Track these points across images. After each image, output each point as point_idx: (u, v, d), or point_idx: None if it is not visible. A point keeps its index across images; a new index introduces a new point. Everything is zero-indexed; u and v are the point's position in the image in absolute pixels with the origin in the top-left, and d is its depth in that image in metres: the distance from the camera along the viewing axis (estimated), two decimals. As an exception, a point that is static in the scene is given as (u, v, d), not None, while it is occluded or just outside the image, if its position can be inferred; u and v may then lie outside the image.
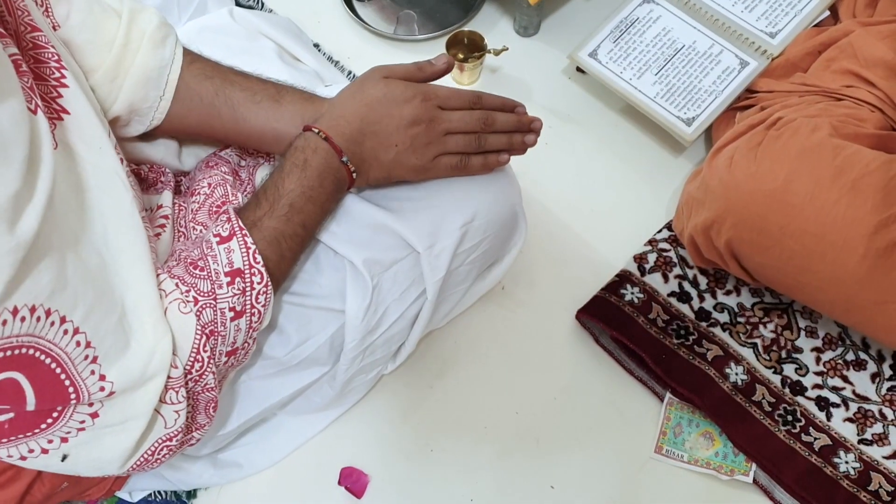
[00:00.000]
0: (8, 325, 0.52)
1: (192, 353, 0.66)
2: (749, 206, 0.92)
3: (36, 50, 0.66)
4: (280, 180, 0.75)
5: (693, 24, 1.21)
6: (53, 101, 0.65)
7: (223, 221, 0.72)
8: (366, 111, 0.78)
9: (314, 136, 0.77)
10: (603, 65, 1.20)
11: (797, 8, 1.20)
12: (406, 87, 0.79)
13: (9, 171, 0.52)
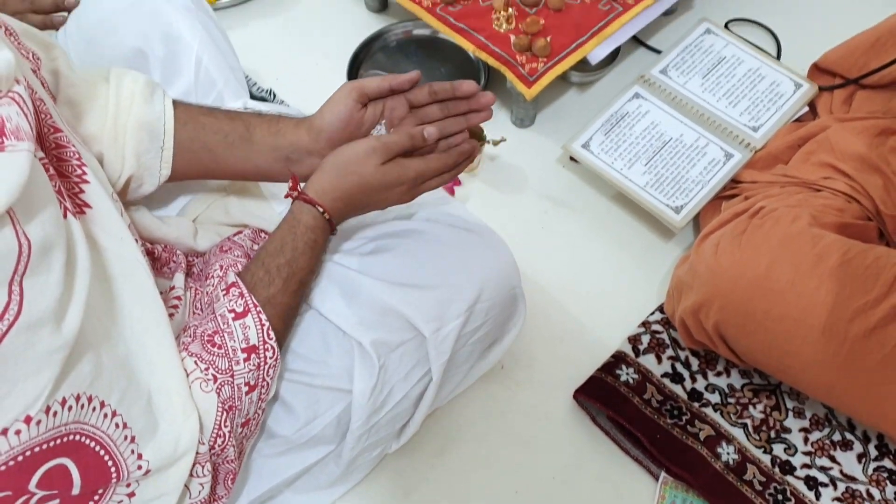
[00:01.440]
0: (58, 416, 0.56)
1: (215, 430, 0.70)
2: (734, 291, 0.98)
3: (58, 150, 0.71)
4: (294, 259, 0.80)
5: (680, 119, 1.29)
6: (76, 196, 0.69)
7: (236, 297, 0.76)
8: (360, 194, 0.83)
9: (322, 219, 0.82)
10: (595, 155, 1.27)
11: (777, 104, 1.28)
12: (400, 174, 0.83)
13: (52, 276, 0.57)
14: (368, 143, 0.83)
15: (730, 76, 1.33)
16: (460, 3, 1.36)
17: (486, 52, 1.32)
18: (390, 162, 0.83)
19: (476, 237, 0.97)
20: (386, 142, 0.83)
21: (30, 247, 0.56)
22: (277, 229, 0.83)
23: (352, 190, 0.83)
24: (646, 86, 1.33)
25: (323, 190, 0.83)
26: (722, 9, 1.52)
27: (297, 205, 0.83)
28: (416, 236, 0.96)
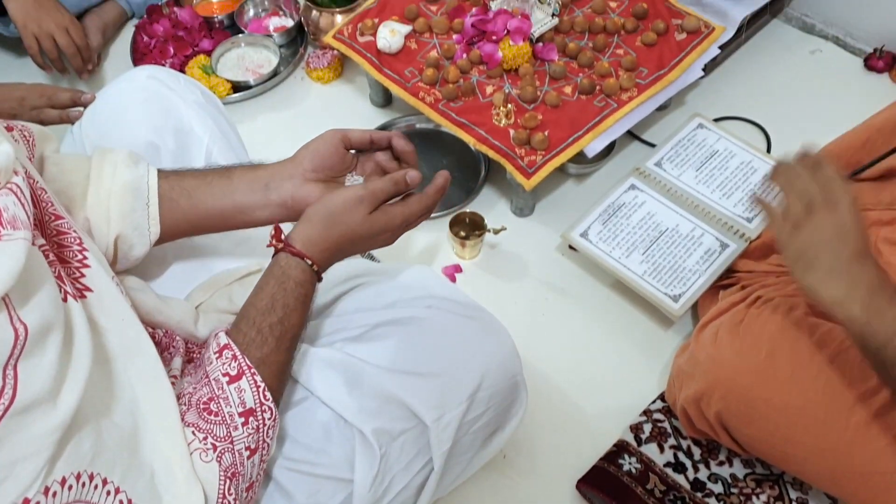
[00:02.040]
0: (58, 496, 0.56)
1: (219, 499, 0.70)
2: (735, 380, 0.98)
3: (59, 236, 0.73)
4: (286, 316, 0.80)
5: (675, 209, 1.32)
6: (77, 280, 0.71)
7: (229, 359, 0.76)
8: (348, 244, 0.85)
9: (311, 271, 0.83)
10: (594, 244, 1.30)
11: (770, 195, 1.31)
12: (387, 222, 0.85)
13: (46, 358, 0.58)
14: (355, 192, 0.84)
15: (723, 169, 1.37)
16: (461, 100, 1.42)
17: (487, 145, 1.37)
18: (377, 210, 0.84)
19: (477, 324, 0.99)
20: (373, 189, 0.84)
21: (26, 332, 0.57)
22: (265, 283, 0.82)
23: (340, 240, 0.84)
24: (641, 178, 1.37)
25: (311, 241, 0.83)
26: (712, 105, 1.58)
27: (284, 257, 0.83)
28: (418, 323, 0.97)
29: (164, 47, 1.65)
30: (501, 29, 1.44)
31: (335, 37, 1.53)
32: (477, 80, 1.43)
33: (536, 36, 1.45)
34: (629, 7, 1.50)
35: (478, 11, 1.50)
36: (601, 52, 1.45)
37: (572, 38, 1.48)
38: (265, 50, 1.69)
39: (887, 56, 1.60)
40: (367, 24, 1.51)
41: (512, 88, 1.42)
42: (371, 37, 1.50)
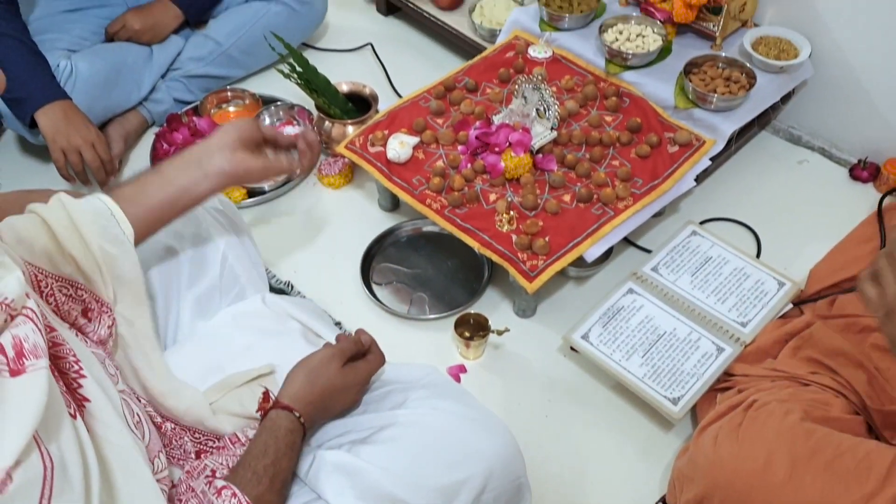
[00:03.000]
0: None
1: None
2: (734, 484, 1.01)
3: (55, 348, 0.76)
4: (278, 460, 0.90)
5: (673, 313, 1.37)
6: (75, 392, 0.74)
7: (229, 496, 0.81)
8: (328, 397, 0.98)
9: (298, 422, 0.94)
10: (594, 347, 1.34)
11: (763, 301, 1.37)
12: (356, 375, 1.01)
13: (75, 494, 0.62)
14: (328, 350, 1.01)
15: (717, 274, 1.43)
16: (466, 207, 1.49)
17: (491, 249, 1.43)
18: (346, 366, 1.01)
19: (481, 426, 1.02)
20: (342, 348, 1.02)
21: (52, 466, 0.60)
22: (258, 435, 0.93)
23: (322, 393, 0.98)
24: (639, 282, 1.43)
25: (296, 397, 0.96)
26: (705, 211, 1.65)
27: (274, 412, 0.94)
28: (423, 425, 1.00)
29: (183, 154, 1.73)
30: (504, 141, 1.53)
31: (347, 147, 1.62)
32: (481, 189, 1.51)
33: (536, 148, 1.54)
34: (624, 121, 1.60)
35: (481, 125, 1.59)
36: (598, 163, 1.54)
37: (570, 149, 1.56)
38: (279, 157, 1.78)
39: (871, 167, 1.68)
40: (378, 136, 1.60)
41: (514, 196, 1.49)
42: (381, 147, 1.59)
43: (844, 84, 1.67)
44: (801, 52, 1.63)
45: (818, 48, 1.66)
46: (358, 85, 1.81)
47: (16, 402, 0.60)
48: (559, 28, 1.75)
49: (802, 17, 1.66)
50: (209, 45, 1.88)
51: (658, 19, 1.68)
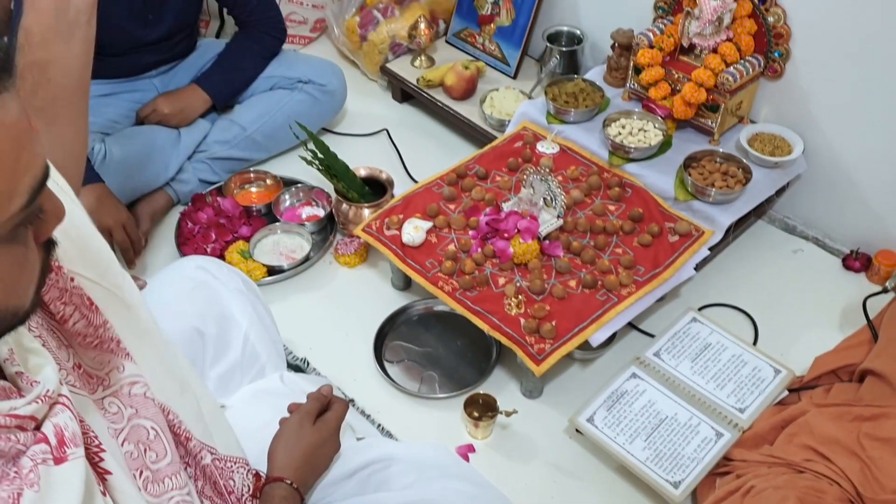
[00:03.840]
0: None
1: None
2: (732, 569, 1.06)
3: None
4: None
5: (674, 398, 1.43)
6: (97, 465, 0.77)
7: None
8: (311, 456, 1.05)
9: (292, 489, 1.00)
10: (599, 430, 1.40)
11: (760, 388, 1.43)
12: (328, 427, 1.08)
13: None
14: (296, 416, 1.08)
15: (716, 361, 1.49)
16: (476, 290, 1.56)
17: (499, 332, 1.50)
18: (317, 422, 1.08)
19: (490, 506, 1.08)
20: (307, 409, 1.09)
21: None
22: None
23: (304, 455, 1.04)
24: (642, 367, 1.49)
25: (282, 466, 1.03)
26: (704, 296, 1.72)
27: (268, 487, 1.00)
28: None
29: (206, 233, 1.82)
30: (512, 228, 1.61)
31: (364, 230, 1.70)
32: (490, 273, 1.59)
33: (544, 234, 1.62)
34: (626, 210, 1.69)
35: (491, 211, 1.68)
36: (602, 250, 1.62)
37: (576, 237, 1.65)
38: (298, 237, 1.86)
39: (863, 257, 1.76)
40: (393, 220, 1.69)
41: (522, 281, 1.57)
42: (396, 231, 1.67)
43: (836, 178, 1.76)
44: (795, 149, 1.73)
45: (811, 144, 1.75)
46: (375, 170, 1.91)
47: (62, 490, 0.65)
48: (565, 121, 1.86)
49: (796, 115, 1.77)
50: (234, 130, 1.99)
51: (659, 115, 1.79)
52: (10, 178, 0.56)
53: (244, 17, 2.00)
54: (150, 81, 1.98)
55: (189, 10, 1.96)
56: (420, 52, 2.21)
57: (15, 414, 0.63)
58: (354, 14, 2.28)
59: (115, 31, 1.86)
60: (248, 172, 2.00)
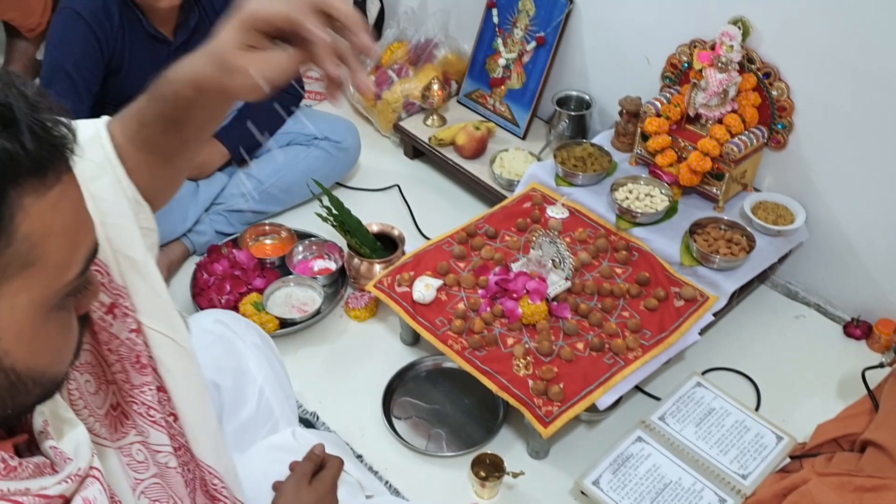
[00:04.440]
0: None
1: None
2: None
3: None
4: None
5: (678, 463, 1.46)
6: None
7: None
8: None
9: None
10: (605, 493, 1.42)
11: (763, 454, 1.46)
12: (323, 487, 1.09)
13: None
14: (293, 477, 1.10)
15: (719, 426, 1.52)
16: (485, 349, 1.60)
17: (508, 393, 1.53)
18: (313, 481, 1.10)
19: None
20: (303, 470, 1.11)
21: None
22: None
23: None
24: (647, 431, 1.52)
25: None
26: (709, 359, 1.76)
27: None
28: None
29: (221, 284, 1.86)
30: (521, 288, 1.65)
31: (376, 286, 1.74)
32: (499, 332, 1.62)
33: (552, 296, 1.66)
34: (633, 274, 1.73)
35: (500, 271, 1.72)
36: (609, 313, 1.66)
37: (584, 299, 1.69)
38: (310, 290, 1.90)
39: (864, 325, 1.80)
40: (405, 277, 1.73)
41: (530, 341, 1.60)
42: (407, 288, 1.71)
43: (838, 246, 1.81)
44: (797, 218, 1.77)
45: (813, 213, 1.81)
46: (387, 226, 1.96)
47: None
48: (573, 184, 1.91)
49: (798, 185, 1.82)
50: (252, 183, 2.04)
51: (665, 181, 1.84)
52: (71, 249, 0.62)
53: (264, 75, 2.07)
54: (171, 135, 2.04)
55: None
56: (433, 111, 2.27)
57: (44, 494, 0.64)
58: (370, 73, 2.36)
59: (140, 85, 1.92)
60: (263, 225, 2.04)
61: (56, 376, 0.67)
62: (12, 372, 0.61)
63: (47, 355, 0.64)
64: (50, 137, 0.58)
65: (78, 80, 1.79)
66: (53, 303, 0.62)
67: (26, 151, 0.56)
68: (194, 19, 1.90)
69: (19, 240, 0.57)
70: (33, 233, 0.58)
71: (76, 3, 1.79)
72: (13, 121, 0.56)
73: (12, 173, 0.56)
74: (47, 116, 0.58)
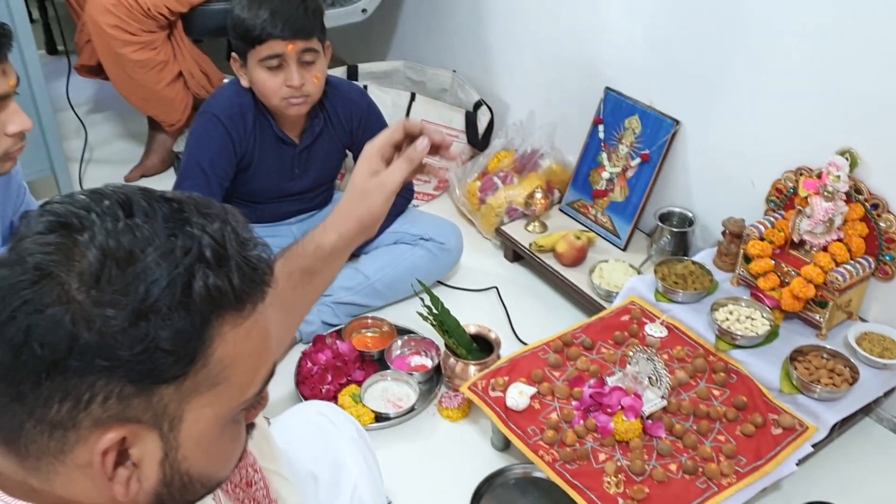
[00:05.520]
0: None
1: None
2: None
3: None
4: None
5: None
6: None
7: None
8: None
9: None
10: None
11: None
12: None
13: None
14: None
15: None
16: (576, 463, 1.60)
17: (597, 509, 1.53)
18: None
19: None
20: None
21: None
22: None
23: None
24: (739, 563, 1.48)
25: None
26: (806, 492, 1.69)
27: None
28: None
29: (323, 374, 1.94)
30: (616, 404, 1.66)
31: (470, 388, 1.79)
32: (591, 447, 1.63)
33: (647, 414, 1.66)
34: (731, 397, 1.71)
35: (595, 384, 1.74)
36: (704, 435, 1.64)
37: (679, 419, 1.68)
38: (406, 386, 1.96)
39: (976, 470, 1.71)
40: (499, 382, 1.77)
41: (623, 459, 1.60)
42: (501, 393, 1.75)
43: (949, 384, 1.74)
44: (905, 352, 1.73)
45: (922, 348, 1.75)
46: (484, 328, 2.01)
47: None
48: (673, 300, 1.93)
49: (906, 317, 1.78)
50: (358, 278, 2.15)
51: (767, 305, 1.84)
52: (255, 372, 0.69)
53: (378, 177, 2.20)
54: (289, 228, 2.18)
55: (332, 167, 2.18)
56: (535, 218, 2.35)
57: None
58: (476, 178, 2.47)
59: (265, 181, 2.08)
60: (366, 318, 2.13)
61: (221, 480, 0.74)
62: (186, 475, 0.68)
63: (218, 462, 0.72)
64: (253, 274, 0.66)
65: (212, 176, 1.96)
66: (232, 417, 0.69)
67: (233, 288, 0.63)
68: (319, 125, 2.05)
69: (213, 363, 0.64)
70: (225, 357, 0.65)
71: (216, 107, 1.97)
72: (226, 259, 0.63)
73: (218, 307, 0.63)
74: (253, 254, 0.66)
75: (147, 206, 0.64)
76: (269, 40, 1.84)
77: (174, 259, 0.61)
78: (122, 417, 0.63)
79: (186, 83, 2.52)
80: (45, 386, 0.60)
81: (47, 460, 0.65)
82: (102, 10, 2.29)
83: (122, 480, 0.65)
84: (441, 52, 2.90)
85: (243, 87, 1.96)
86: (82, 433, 0.63)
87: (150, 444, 0.65)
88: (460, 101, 2.71)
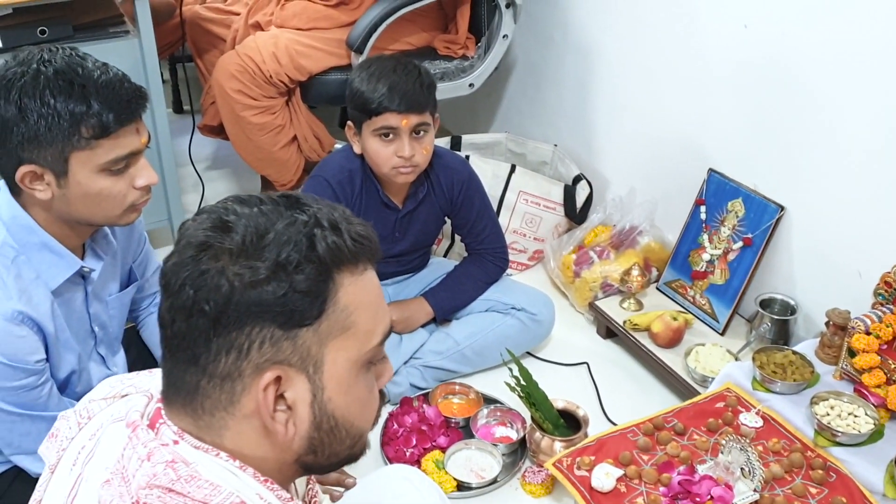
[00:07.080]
0: None
1: None
2: None
3: None
4: None
5: None
6: None
7: None
8: None
9: None
10: None
11: None
12: None
13: None
14: None
15: None
16: (661, 552, 1.55)
17: None
18: None
19: None
20: None
21: None
22: None
23: None
24: None
25: None
26: None
27: None
28: None
29: (408, 437, 1.96)
30: (705, 493, 1.61)
31: (555, 464, 1.76)
32: (678, 537, 1.58)
33: (738, 507, 1.60)
34: (828, 497, 1.62)
35: (685, 471, 1.68)
36: (800, 536, 1.56)
37: (772, 516, 1.60)
38: (490, 456, 1.95)
39: None
40: (585, 461, 1.74)
41: (710, 553, 1.54)
42: (587, 472, 1.72)
43: None
44: None
45: None
46: (572, 404, 1.99)
47: None
48: (771, 390, 1.86)
49: None
50: (448, 342, 2.17)
51: (871, 402, 1.75)
52: (375, 321, 0.83)
53: (475, 246, 2.24)
54: (385, 289, 2.24)
55: (430, 232, 2.23)
56: (630, 295, 2.33)
57: None
58: (571, 251, 2.47)
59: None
60: (453, 384, 2.15)
61: (360, 432, 0.86)
62: (332, 418, 0.81)
63: (357, 408, 0.83)
64: (361, 239, 0.82)
65: None
66: (362, 363, 0.82)
67: (347, 247, 0.80)
68: (422, 192, 2.12)
69: (340, 308, 0.79)
70: (349, 304, 0.80)
71: (327, 172, 2.07)
72: (338, 226, 0.81)
73: (338, 260, 0.79)
74: (359, 227, 0.83)
75: (271, 199, 0.82)
76: (385, 113, 1.92)
77: (298, 227, 0.78)
78: (275, 360, 0.77)
79: (300, 146, 2.65)
80: (213, 343, 0.76)
81: (220, 415, 0.79)
82: (228, 75, 2.45)
83: (281, 421, 0.79)
84: (543, 126, 2.95)
85: (354, 153, 2.05)
86: (246, 381, 0.77)
87: (300, 386, 0.79)
88: (560, 175, 2.74)
